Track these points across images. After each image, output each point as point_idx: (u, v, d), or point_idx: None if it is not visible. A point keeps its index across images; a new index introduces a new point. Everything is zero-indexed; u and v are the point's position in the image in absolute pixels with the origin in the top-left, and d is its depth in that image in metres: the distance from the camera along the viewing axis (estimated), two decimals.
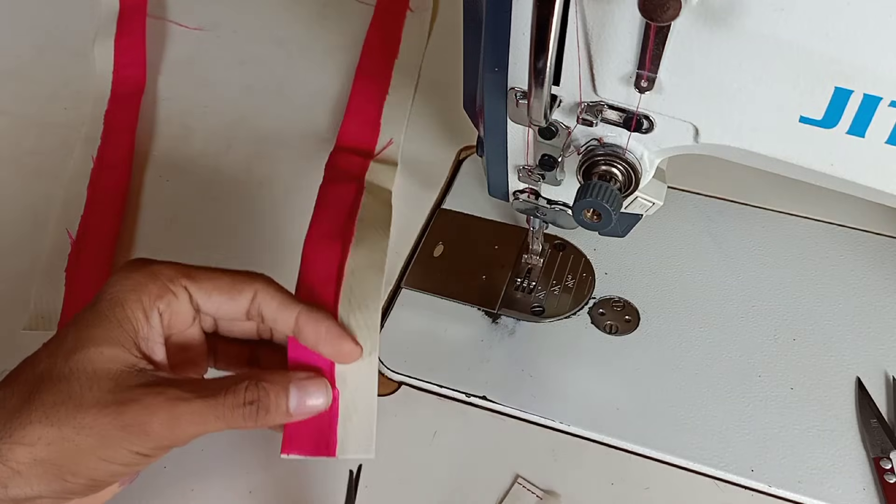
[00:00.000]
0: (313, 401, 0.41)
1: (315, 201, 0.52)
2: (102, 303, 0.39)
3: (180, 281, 0.40)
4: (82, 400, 0.36)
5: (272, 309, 0.42)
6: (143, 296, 0.39)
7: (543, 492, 0.47)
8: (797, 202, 0.61)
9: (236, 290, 0.41)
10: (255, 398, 0.39)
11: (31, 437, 0.36)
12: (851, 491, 0.47)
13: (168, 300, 0.40)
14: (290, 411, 0.40)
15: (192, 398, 0.37)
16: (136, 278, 0.40)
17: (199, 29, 0.77)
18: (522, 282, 0.57)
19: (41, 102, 0.72)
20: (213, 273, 0.42)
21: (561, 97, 0.42)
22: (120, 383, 0.37)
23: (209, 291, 0.41)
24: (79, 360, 0.37)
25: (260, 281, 0.42)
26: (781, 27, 0.35)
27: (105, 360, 0.37)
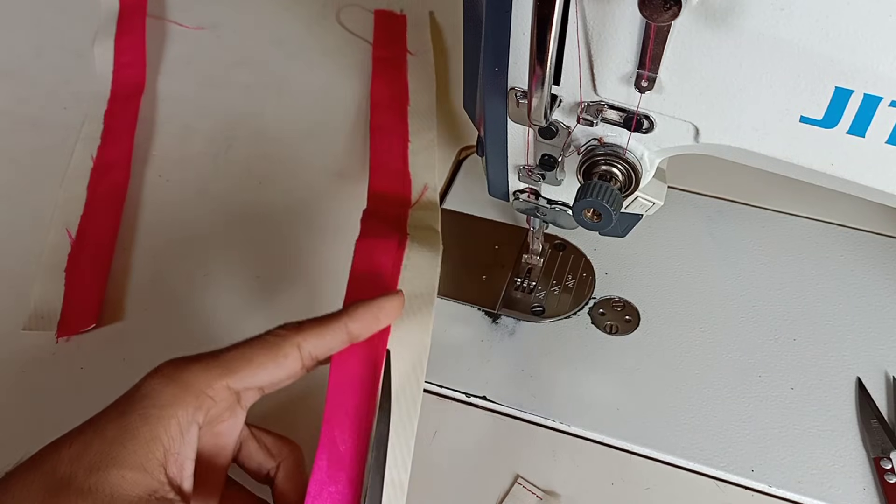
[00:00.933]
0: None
1: (353, 258, 0.49)
2: (133, 416, 0.37)
3: (219, 383, 0.38)
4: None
5: (323, 347, 0.40)
6: (180, 410, 0.37)
7: (543, 492, 0.47)
8: (797, 202, 0.61)
9: (281, 357, 0.39)
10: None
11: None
12: (851, 491, 0.47)
13: (207, 408, 0.38)
14: None
15: None
16: (171, 392, 0.37)
17: (200, 28, 0.77)
18: (522, 282, 0.57)
19: (41, 102, 0.72)
20: (247, 353, 0.39)
21: (561, 97, 0.42)
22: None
23: (253, 374, 0.39)
24: (100, 480, 0.35)
25: (293, 333, 0.40)
26: (781, 27, 0.35)
27: (126, 485, 0.36)
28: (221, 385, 0.38)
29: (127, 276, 0.59)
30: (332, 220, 0.62)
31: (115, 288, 0.58)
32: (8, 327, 0.56)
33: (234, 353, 0.39)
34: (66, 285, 0.58)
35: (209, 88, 0.73)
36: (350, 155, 0.67)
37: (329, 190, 0.64)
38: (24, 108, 0.71)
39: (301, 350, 0.40)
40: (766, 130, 0.39)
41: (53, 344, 0.55)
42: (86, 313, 0.56)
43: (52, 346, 0.55)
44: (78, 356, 0.54)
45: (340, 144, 0.68)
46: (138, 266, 0.60)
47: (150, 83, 0.73)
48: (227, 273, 0.59)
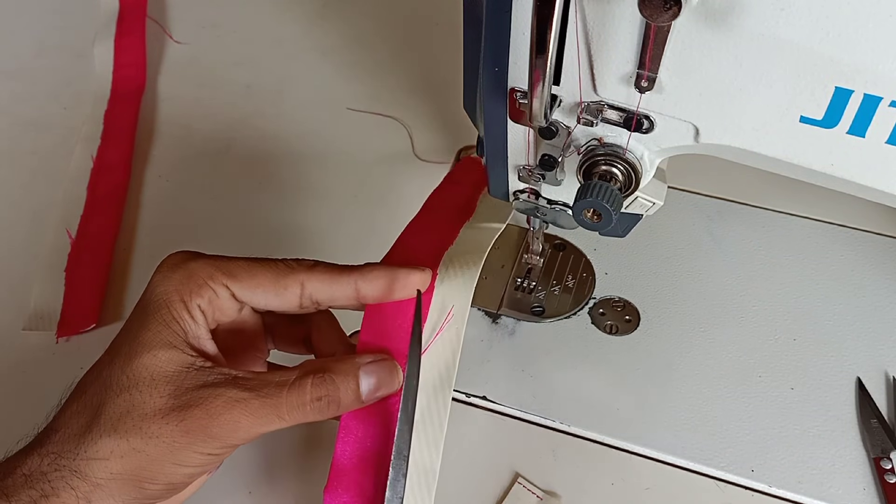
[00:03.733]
0: (383, 382, 0.40)
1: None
2: (148, 306, 0.39)
3: (219, 279, 0.40)
4: (145, 408, 0.36)
5: (326, 294, 0.41)
6: (184, 295, 0.39)
7: (543, 492, 0.47)
8: (797, 202, 0.61)
9: (281, 286, 0.41)
10: (324, 393, 0.38)
11: (104, 451, 0.36)
12: (851, 491, 0.47)
13: (208, 297, 0.40)
14: (362, 399, 0.39)
15: (252, 398, 0.37)
16: (175, 277, 0.39)
17: (180, 43, 0.77)
18: (522, 282, 0.57)
19: (41, 102, 0.72)
20: (254, 268, 0.41)
21: (561, 97, 0.42)
22: (179, 386, 0.37)
23: (252, 289, 0.40)
24: (136, 367, 0.37)
25: (303, 270, 0.41)
26: (781, 27, 0.35)
27: (161, 364, 0.37)
28: (221, 283, 0.40)
29: (127, 276, 0.59)
30: (331, 220, 0.62)
31: (115, 288, 0.58)
32: (8, 327, 0.56)
33: (241, 262, 0.41)
34: (66, 285, 0.58)
35: (209, 88, 0.73)
36: (350, 155, 0.67)
37: (329, 190, 0.64)
38: (24, 108, 0.71)
39: (303, 288, 0.41)
40: (766, 130, 0.39)
41: (53, 344, 0.55)
42: (86, 313, 0.56)
43: (52, 346, 0.55)
44: (78, 356, 0.54)
45: (340, 144, 0.68)
46: (138, 266, 0.60)
47: (150, 83, 0.73)
48: None
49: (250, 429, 0.37)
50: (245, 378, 0.38)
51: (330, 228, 0.61)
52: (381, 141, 0.68)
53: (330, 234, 0.61)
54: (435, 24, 0.78)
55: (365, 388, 0.39)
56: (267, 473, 0.48)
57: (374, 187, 0.64)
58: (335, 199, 0.64)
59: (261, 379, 0.38)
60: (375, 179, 0.65)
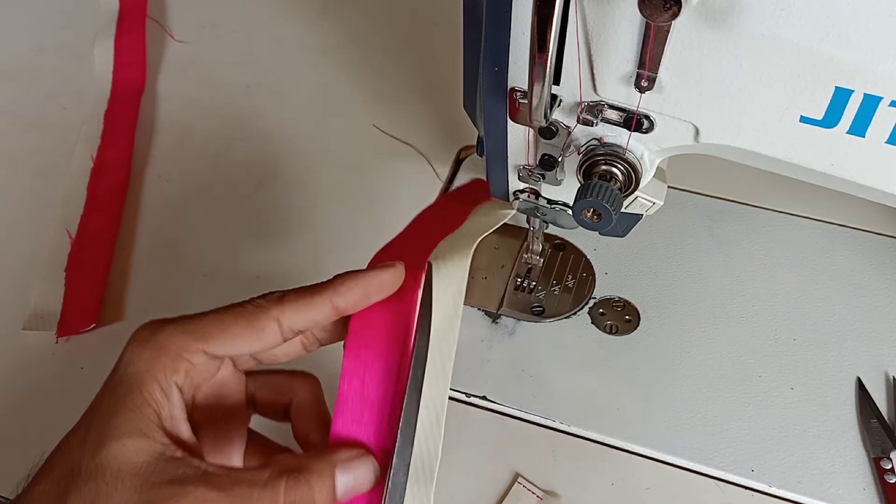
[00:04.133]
0: (364, 481, 0.39)
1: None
2: (120, 387, 0.37)
3: (192, 346, 0.38)
4: (109, 502, 0.35)
5: (304, 321, 0.39)
6: (158, 373, 0.37)
7: (543, 492, 0.47)
8: (797, 202, 0.61)
9: (257, 329, 0.39)
10: (299, 497, 0.36)
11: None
12: (851, 491, 0.47)
13: (184, 370, 0.38)
14: (337, 498, 0.38)
15: (220, 499, 0.35)
16: (146, 355, 0.38)
17: (181, 42, 0.77)
18: (522, 282, 0.57)
19: (41, 102, 0.72)
20: (225, 321, 0.39)
21: (561, 97, 0.42)
22: (146, 480, 0.35)
23: (229, 342, 0.38)
24: (103, 456, 0.36)
25: (274, 305, 0.39)
26: (781, 27, 0.35)
27: (129, 454, 0.36)
28: (197, 349, 0.38)
29: (127, 276, 0.59)
30: (331, 221, 0.62)
31: (115, 288, 0.58)
32: (8, 327, 0.56)
33: (211, 318, 0.39)
34: (66, 285, 0.58)
35: (209, 88, 0.73)
36: (350, 155, 0.67)
37: (329, 190, 0.64)
38: (24, 108, 0.71)
39: (280, 323, 0.39)
40: (766, 130, 0.39)
41: (53, 344, 0.55)
42: (86, 313, 0.56)
43: (52, 346, 0.55)
44: (78, 356, 0.54)
45: (340, 144, 0.68)
46: (138, 266, 0.60)
47: (150, 83, 0.73)
48: (227, 273, 0.59)
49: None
50: (215, 475, 0.36)
51: (330, 228, 0.61)
52: (383, 140, 0.68)
53: (330, 234, 0.61)
54: (435, 24, 0.78)
55: (341, 488, 0.38)
56: None
57: (375, 187, 0.64)
58: (335, 198, 0.64)
59: (231, 477, 0.36)
60: (376, 179, 0.65)
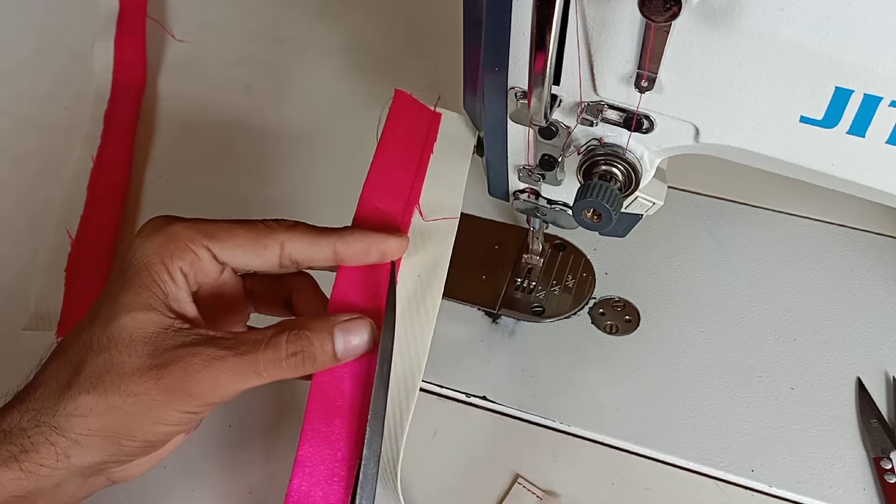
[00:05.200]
0: (358, 340, 0.40)
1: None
2: (129, 269, 0.39)
3: (200, 241, 0.40)
4: (124, 367, 0.37)
5: (305, 253, 0.42)
6: (165, 258, 0.39)
7: (543, 492, 0.47)
8: (797, 202, 0.61)
9: (261, 246, 0.41)
10: (300, 349, 0.39)
11: (83, 408, 0.37)
12: (851, 491, 0.47)
13: (190, 260, 0.40)
14: (337, 356, 0.40)
15: (229, 356, 0.37)
16: (156, 240, 0.40)
17: (183, 41, 0.77)
18: (522, 282, 0.57)
19: (41, 102, 0.72)
20: (234, 229, 0.41)
21: (561, 97, 0.42)
22: (157, 346, 0.38)
23: (232, 249, 0.41)
24: (115, 328, 0.38)
25: (282, 230, 0.41)
26: (781, 27, 0.35)
27: (139, 325, 0.38)
28: (202, 244, 0.40)
29: None
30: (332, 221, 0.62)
31: None
32: (8, 327, 0.56)
33: (221, 224, 0.41)
34: (66, 285, 0.58)
35: (209, 88, 0.73)
36: (350, 155, 0.67)
37: (329, 190, 0.64)
38: (24, 108, 0.71)
39: (283, 248, 0.41)
40: (766, 130, 0.39)
41: (53, 344, 0.55)
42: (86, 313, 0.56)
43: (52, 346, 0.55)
44: None
45: (340, 144, 0.68)
46: None
47: (150, 83, 0.73)
48: None
49: (228, 385, 0.37)
50: (222, 338, 0.38)
51: None
52: None
53: None
54: (435, 24, 0.78)
55: (340, 346, 0.40)
56: (267, 473, 0.48)
57: None
58: (336, 199, 0.63)
59: (238, 338, 0.39)
60: None
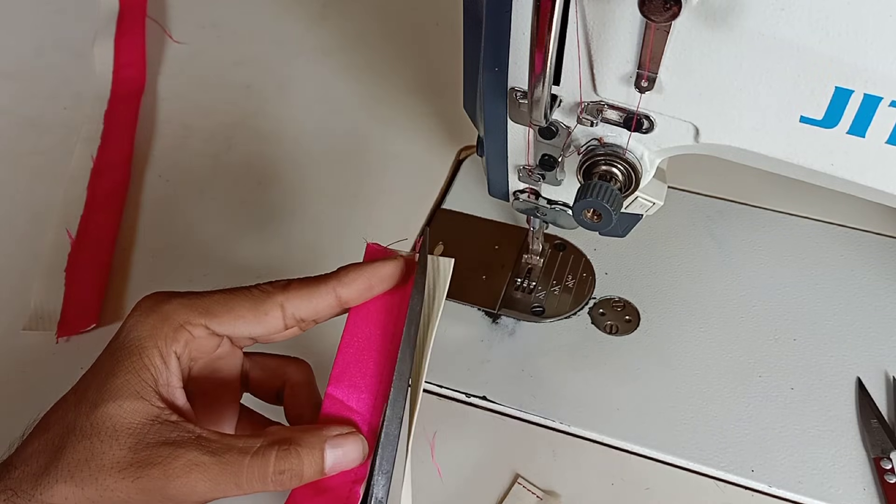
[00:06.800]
0: (350, 458, 0.39)
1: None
2: (120, 351, 0.38)
3: (196, 320, 0.39)
4: (103, 460, 0.36)
5: (308, 309, 0.40)
6: (159, 340, 0.38)
7: (543, 492, 0.47)
8: (797, 202, 0.61)
9: (261, 313, 0.40)
10: (288, 467, 0.37)
11: (58, 497, 0.36)
12: (851, 491, 0.47)
13: (185, 341, 0.39)
14: (324, 472, 0.39)
15: (212, 464, 0.36)
16: (150, 322, 0.38)
17: (180, 43, 0.77)
18: (522, 282, 0.57)
19: (41, 102, 0.72)
20: (231, 301, 0.40)
21: (561, 97, 0.42)
22: (140, 440, 0.36)
23: (231, 322, 0.39)
24: (100, 415, 0.37)
25: (279, 291, 0.40)
26: (782, 27, 0.35)
27: (125, 414, 0.37)
28: (200, 323, 0.39)
29: (127, 276, 0.59)
30: (332, 220, 0.62)
31: (115, 288, 0.58)
32: (8, 327, 0.56)
33: (217, 297, 0.40)
34: (66, 285, 0.58)
35: (209, 88, 0.73)
36: (350, 155, 0.67)
37: (329, 190, 0.64)
38: (24, 108, 0.71)
39: (284, 310, 0.40)
40: (766, 130, 0.39)
41: (53, 344, 0.55)
42: (86, 313, 0.56)
43: (52, 346, 0.55)
44: (78, 356, 0.54)
45: (340, 144, 0.68)
46: (138, 266, 0.60)
47: (150, 83, 0.73)
48: (227, 273, 0.59)
49: (206, 493, 0.36)
50: (208, 439, 0.37)
51: (330, 228, 0.61)
52: (383, 141, 0.68)
53: (330, 234, 0.61)
54: (435, 24, 0.78)
55: (329, 462, 0.38)
56: None
57: (375, 187, 0.64)
58: (336, 199, 0.64)
59: (224, 443, 0.37)
60: (376, 179, 0.65)
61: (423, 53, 0.75)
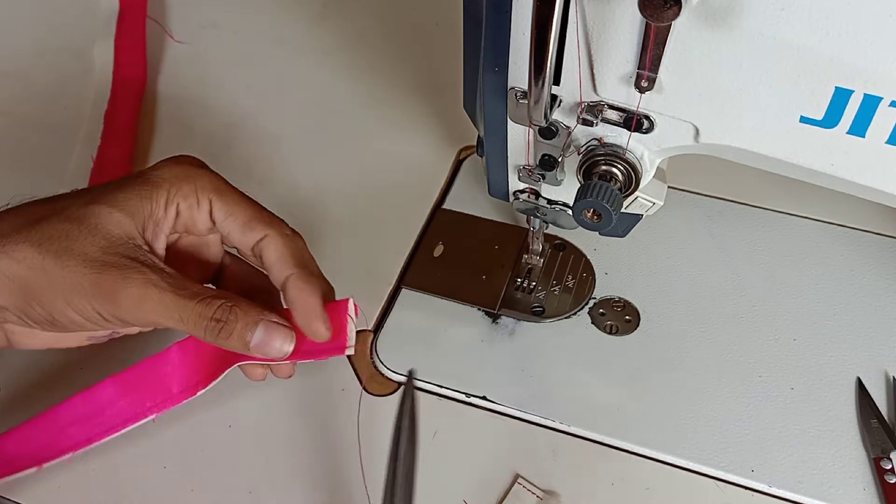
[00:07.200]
0: (275, 345, 0.42)
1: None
2: (139, 177, 0.42)
3: (209, 193, 0.43)
4: (75, 244, 0.39)
5: (270, 259, 0.44)
6: (173, 188, 0.42)
7: (543, 492, 0.47)
8: (797, 202, 0.61)
9: (249, 227, 0.44)
10: (224, 319, 0.40)
11: (19, 255, 0.39)
12: (851, 491, 0.47)
13: (189, 203, 0.42)
14: (248, 345, 0.41)
15: (167, 290, 0.39)
16: (177, 172, 0.43)
17: (181, 43, 0.77)
18: (522, 282, 0.57)
19: (41, 102, 0.72)
20: (241, 201, 0.44)
21: (561, 97, 0.42)
22: (112, 245, 0.40)
23: (227, 214, 0.43)
24: (91, 210, 0.40)
25: (275, 227, 0.44)
26: (782, 27, 0.35)
27: (112, 221, 0.40)
28: (208, 198, 0.43)
29: None
30: (332, 220, 0.62)
31: None
32: None
33: (234, 191, 0.45)
34: None
35: (209, 88, 0.73)
36: (350, 155, 0.67)
37: (329, 190, 0.64)
38: (24, 108, 0.71)
39: (262, 240, 0.44)
40: (766, 130, 0.39)
41: None
42: None
43: None
44: (78, 356, 0.54)
45: (340, 144, 0.68)
46: None
47: (150, 83, 0.73)
48: None
49: (150, 312, 0.39)
50: (170, 274, 0.40)
51: (330, 227, 0.61)
52: (383, 140, 0.68)
53: (330, 234, 0.61)
54: (435, 25, 0.78)
55: (256, 339, 0.41)
56: (267, 473, 0.48)
57: (374, 187, 0.64)
58: (335, 199, 0.64)
59: (182, 281, 0.41)
60: (376, 179, 0.65)
61: (423, 53, 0.75)
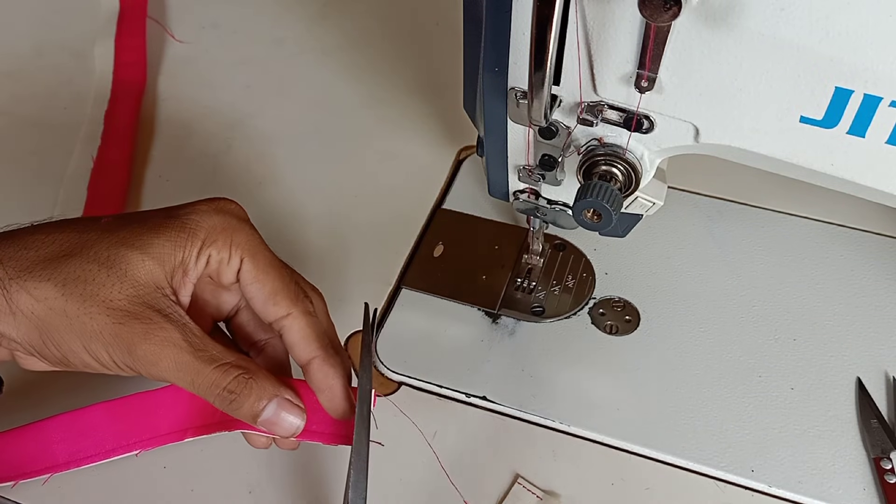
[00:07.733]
0: (283, 424, 0.41)
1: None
2: (176, 220, 0.41)
3: (242, 252, 0.41)
4: (101, 290, 0.37)
5: (293, 339, 0.42)
6: (208, 238, 0.40)
7: (543, 492, 0.47)
8: (797, 202, 0.61)
9: (273, 301, 0.42)
10: (238, 392, 0.39)
11: (40, 294, 0.37)
12: (851, 491, 0.47)
13: (221, 257, 0.41)
14: (256, 420, 0.41)
15: (185, 350, 0.38)
16: (215, 221, 0.41)
17: (182, 42, 0.77)
18: (522, 282, 0.57)
19: (41, 102, 0.72)
20: (271, 270, 0.42)
21: (561, 97, 0.42)
22: (140, 295, 0.38)
23: (254, 279, 0.42)
24: (121, 254, 0.38)
25: (299, 306, 0.42)
26: (782, 27, 0.35)
27: (142, 269, 0.39)
28: (241, 256, 0.41)
29: None
30: (332, 221, 0.62)
31: None
32: None
33: (268, 256, 0.42)
34: None
35: (209, 88, 0.73)
36: (350, 155, 0.67)
37: (329, 190, 0.64)
38: (24, 108, 0.71)
39: (285, 319, 0.42)
40: (766, 130, 0.39)
41: None
42: None
43: None
44: None
45: (340, 144, 0.68)
46: None
47: (150, 83, 0.73)
48: None
49: (164, 371, 0.38)
50: (193, 332, 0.39)
51: (330, 229, 0.61)
52: (383, 140, 0.68)
53: (331, 234, 0.61)
54: (435, 24, 0.78)
55: (265, 414, 0.40)
56: (267, 473, 0.48)
57: (375, 187, 0.64)
58: (336, 199, 0.64)
59: (203, 341, 0.39)
60: (376, 179, 0.65)
61: (424, 53, 0.75)
